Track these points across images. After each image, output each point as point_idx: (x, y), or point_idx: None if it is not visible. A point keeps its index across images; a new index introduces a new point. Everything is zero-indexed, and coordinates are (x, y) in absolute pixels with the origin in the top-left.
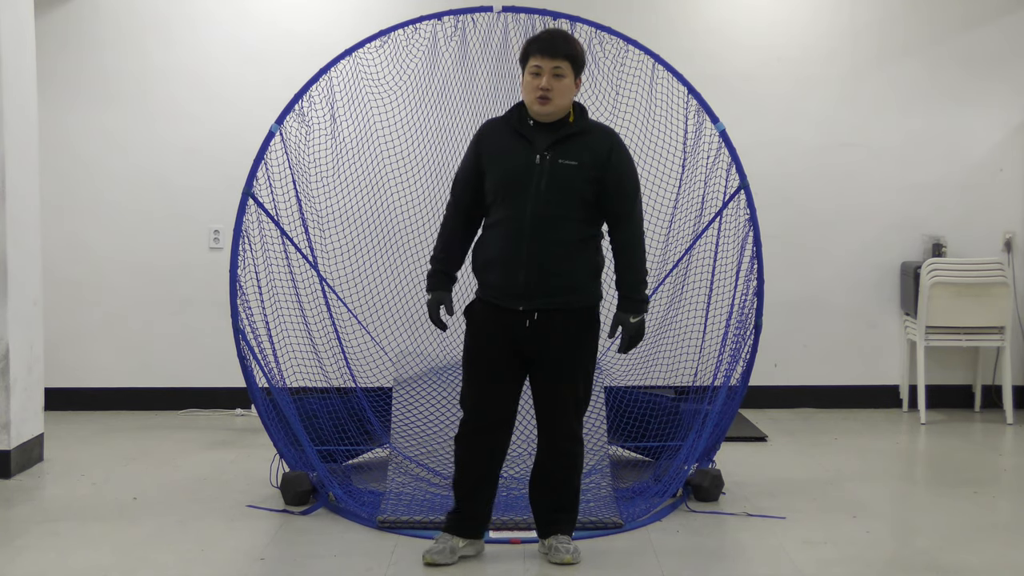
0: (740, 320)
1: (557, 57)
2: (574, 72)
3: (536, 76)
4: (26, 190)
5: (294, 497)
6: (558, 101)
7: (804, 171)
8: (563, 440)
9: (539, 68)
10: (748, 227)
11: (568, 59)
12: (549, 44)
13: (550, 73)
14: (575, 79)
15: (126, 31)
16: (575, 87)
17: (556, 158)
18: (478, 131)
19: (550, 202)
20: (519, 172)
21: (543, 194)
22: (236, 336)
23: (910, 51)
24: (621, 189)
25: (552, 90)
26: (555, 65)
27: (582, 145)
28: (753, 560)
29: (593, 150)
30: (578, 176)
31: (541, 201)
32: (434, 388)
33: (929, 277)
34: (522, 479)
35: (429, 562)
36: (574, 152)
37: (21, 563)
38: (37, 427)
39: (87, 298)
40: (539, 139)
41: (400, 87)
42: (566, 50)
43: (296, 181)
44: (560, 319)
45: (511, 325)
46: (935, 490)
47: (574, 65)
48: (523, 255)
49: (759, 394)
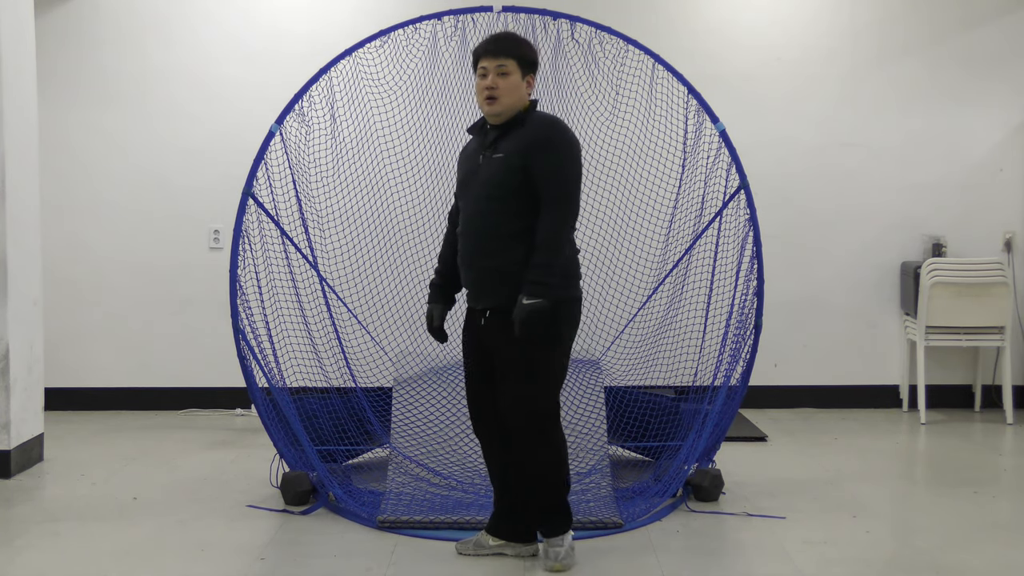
0: (740, 320)
1: (500, 56)
2: (521, 70)
3: (483, 77)
4: (26, 190)
5: (294, 497)
6: (505, 100)
7: (804, 171)
8: (520, 441)
9: (485, 69)
10: (748, 227)
11: (512, 57)
12: (493, 44)
13: (495, 72)
14: (525, 77)
15: (126, 31)
16: (525, 85)
17: (491, 153)
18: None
19: (485, 198)
20: (468, 173)
21: (479, 191)
22: (236, 336)
23: (910, 51)
24: (543, 176)
25: (497, 88)
26: (499, 63)
27: (515, 137)
28: (753, 560)
29: (523, 139)
30: (504, 167)
31: (480, 198)
32: (434, 388)
33: (929, 277)
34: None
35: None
36: (505, 144)
37: (21, 563)
38: (37, 427)
39: (87, 298)
40: (488, 139)
41: (400, 87)
42: (509, 48)
43: (296, 181)
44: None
45: (474, 324)
46: (935, 490)
47: (520, 63)
48: (468, 254)
49: (759, 394)
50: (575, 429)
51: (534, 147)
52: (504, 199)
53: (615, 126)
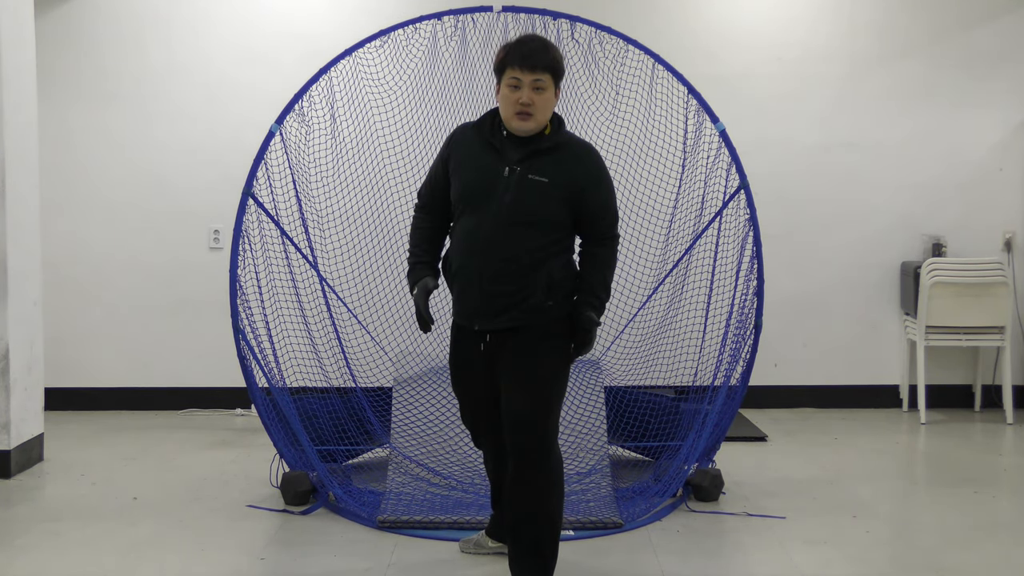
0: (740, 320)
1: (537, 70)
2: (555, 84)
3: (515, 90)
4: (26, 190)
5: (294, 497)
6: (539, 117)
7: (804, 171)
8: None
9: (518, 81)
10: (748, 227)
11: (549, 71)
12: (529, 55)
13: (530, 87)
14: (555, 90)
15: (126, 31)
16: (555, 99)
17: (526, 173)
18: (449, 135)
19: (514, 218)
20: (483, 183)
21: (507, 208)
22: (236, 336)
23: (910, 50)
24: (601, 213)
25: (533, 105)
26: (535, 78)
27: (556, 160)
28: (753, 560)
29: (568, 168)
30: (548, 194)
31: (504, 216)
32: (434, 388)
33: (929, 277)
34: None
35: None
36: (547, 168)
37: (21, 563)
38: (37, 427)
39: (87, 298)
40: (510, 151)
41: (400, 87)
42: (546, 61)
43: (296, 181)
44: (514, 339)
45: (472, 346)
46: (935, 490)
47: (555, 76)
48: (478, 271)
49: (759, 394)
50: (575, 429)
51: (587, 181)
52: (540, 223)
53: (615, 126)
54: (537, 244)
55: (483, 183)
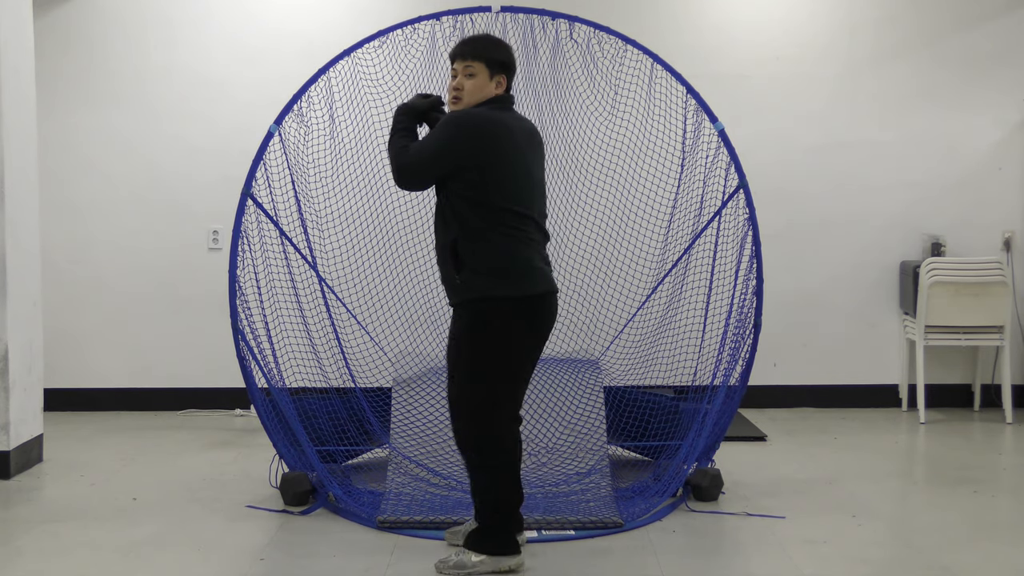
0: (739, 319)
1: (467, 57)
2: (489, 71)
3: (453, 79)
4: (25, 190)
5: (294, 497)
6: (467, 99)
7: (803, 170)
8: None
9: (455, 71)
10: (747, 226)
11: (478, 58)
12: (459, 47)
13: (462, 73)
14: (494, 78)
15: (125, 31)
16: (494, 85)
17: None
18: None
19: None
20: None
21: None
22: (235, 336)
23: (908, 49)
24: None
25: (462, 89)
26: (466, 64)
27: None
28: (752, 559)
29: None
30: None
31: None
32: (433, 388)
33: (928, 276)
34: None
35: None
36: None
37: (21, 563)
38: (36, 428)
39: (87, 298)
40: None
41: (399, 87)
42: (477, 50)
43: (295, 181)
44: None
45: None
46: (934, 489)
47: (488, 64)
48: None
49: (758, 393)
50: (575, 429)
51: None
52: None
53: (614, 126)
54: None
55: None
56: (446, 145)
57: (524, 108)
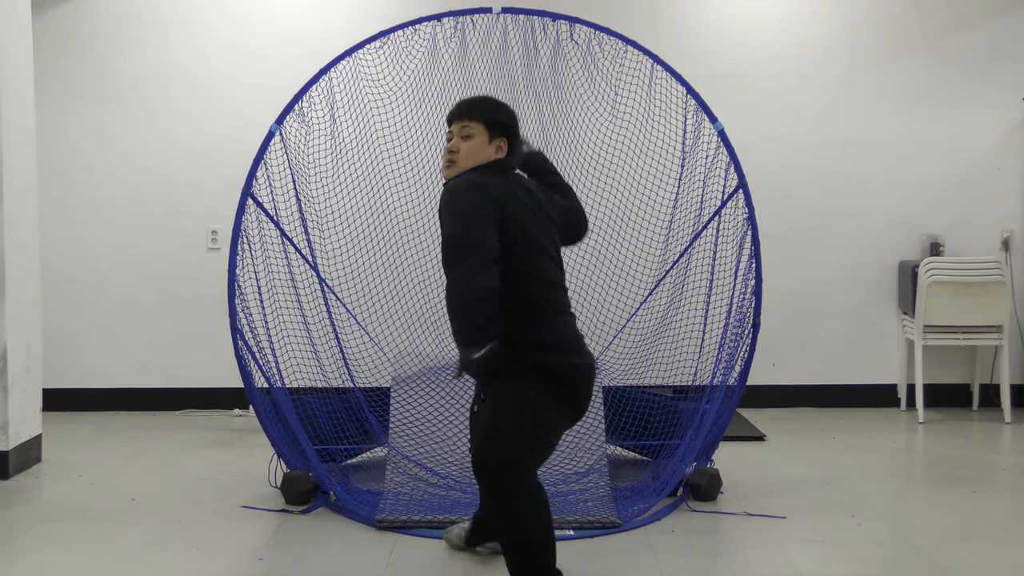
0: (739, 319)
1: (464, 119)
2: (488, 132)
3: (448, 142)
4: (24, 190)
5: (295, 496)
6: (462, 163)
7: (802, 170)
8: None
9: (450, 133)
10: (746, 226)
11: (476, 118)
12: (457, 108)
13: (458, 135)
14: (493, 141)
15: (124, 31)
16: (494, 150)
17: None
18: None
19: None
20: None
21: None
22: (234, 336)
23: (908, 49)
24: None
25: (458, 152)
26: (463, 125)
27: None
28: (751, 559)
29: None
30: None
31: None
32: (432, 388)
33: (927, 276)
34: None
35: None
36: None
37: (20, 564)
38: (35, 428)
39: (85, 298)
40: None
41: (400, 88)
42: (473, 110)
43: (296, 181)
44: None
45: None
46: (933, 489)
47: (488, 126)
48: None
49: (757, 393)
50: (573, 429)
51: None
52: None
53: (614, 126)
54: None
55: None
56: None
57: (524, 109)
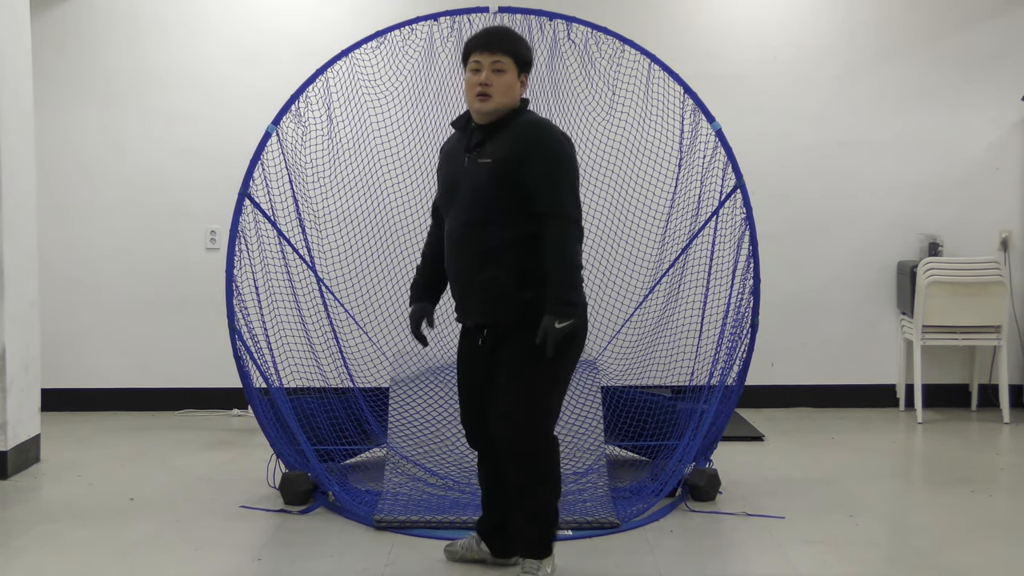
0: (736, 319)
1: (496, 52)
2: (517, 69)
3: (476, 73)
4: (22, 190)
5: (294, 496)
6: (498, 98)
7: (800, 170)
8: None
9: (479, 64)
10: (744, 226)
11: (509, 54)
12: (487, 40)
13: (490, 68)
14: (519, 76)
15: (123, 31)
16: (519, 85)
17: (476, 158)
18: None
19: (469, 207)
20: (452, 178)
21: (465, 199)
22: (232, 336)
23: (906, 49)
24: (537, 187)
25: (492, 86)
26: (495, 59)
27: (500, 139)
28: (750, 559)
29: (510, 143)
30: (492, 174)
31: (465, 207)
32: (431, 388)
33: (926, 276)
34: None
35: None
36: (491, 149)
37: (19, 564)
38: (34, 428)
39: (84, 298)
40: (474, 141)
41: (397, 88)
42: (506, 45)
43: (293, 182)
44: (509, 333)
45: (471, 343)
46: (932, 489)
47: (516, 61)
48: (454, 268)
49: (756, 393)
50: (572, 429)
51: (525, 152)
52: (490, 208)
53: (611, 126)
54: (497, 231)
55: (452, 177)
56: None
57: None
